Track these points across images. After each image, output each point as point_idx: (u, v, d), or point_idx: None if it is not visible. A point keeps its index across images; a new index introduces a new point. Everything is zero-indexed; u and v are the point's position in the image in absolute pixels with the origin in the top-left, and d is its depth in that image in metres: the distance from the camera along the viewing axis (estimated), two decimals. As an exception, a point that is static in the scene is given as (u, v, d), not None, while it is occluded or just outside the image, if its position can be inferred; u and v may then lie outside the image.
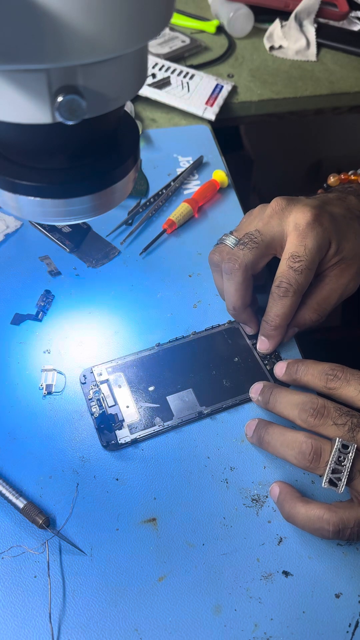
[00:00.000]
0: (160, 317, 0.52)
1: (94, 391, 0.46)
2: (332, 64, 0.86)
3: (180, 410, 0.45)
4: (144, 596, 0.36)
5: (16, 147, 0.30)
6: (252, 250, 0.45)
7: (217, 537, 0.39)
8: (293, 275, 0.43)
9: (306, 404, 0.39)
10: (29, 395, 0.46)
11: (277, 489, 0.39)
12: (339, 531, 0.35)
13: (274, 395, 0.42)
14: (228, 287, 0.46)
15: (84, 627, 0.35)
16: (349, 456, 0.36)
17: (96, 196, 0.31)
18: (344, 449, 0.37)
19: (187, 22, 0.92)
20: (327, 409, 0.38)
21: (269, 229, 0.45)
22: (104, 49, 0.23)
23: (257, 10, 0.89)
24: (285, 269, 0.43)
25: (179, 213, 0.60)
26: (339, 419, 0.38)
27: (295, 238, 0.44)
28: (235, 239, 0.47)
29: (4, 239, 0.58)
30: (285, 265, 0.44)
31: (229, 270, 0.45)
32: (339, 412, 0.38)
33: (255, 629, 0.35)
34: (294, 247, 0.44)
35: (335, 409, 0.38)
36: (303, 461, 0.37)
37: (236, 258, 0.45)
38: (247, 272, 0.45)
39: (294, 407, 0.39)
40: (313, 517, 0.36)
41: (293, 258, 0.43)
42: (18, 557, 0.37)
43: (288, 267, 0.43)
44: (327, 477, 0.37)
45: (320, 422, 0.38)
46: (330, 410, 0.38)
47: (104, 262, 0.56)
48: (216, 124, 0.74)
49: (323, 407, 0.38)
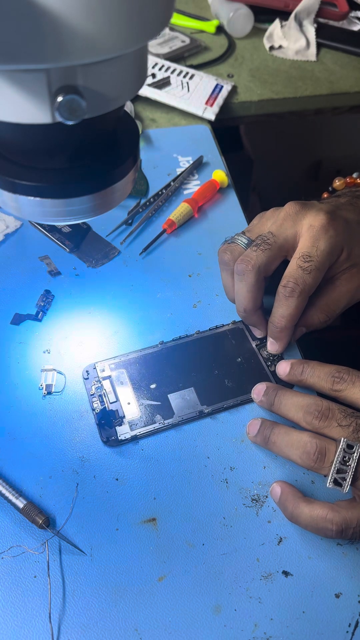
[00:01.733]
0: (160, 317, 0.52)
1: (96, 387, 0.46)
2: (332, 64, 0.86)
3: (181, 409, 0.45)
4: (144, 596, 0.36)
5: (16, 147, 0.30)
6: (265, 252, 0.44)
7: (217, 537, 0.39)
8: (301, 275, 0.43)
9: (311, 407, 0.39)
10: (29, 395, 0.46)
11: (279, 489, 0.39)
12: (342, 531, 0.35)
13: (278, 397, 0.42)
14: (240, 288, 0.46)
15: (84, 627, 0.35)
16: (354, 456, 0.37)
17: (96, 196, 0.31)
18: (349, 449, 0.37)
19: (187, 22, 0.92)
20: (332, 411, 0.38)
21: (283, 231, 0.45)
22: (104, 49, 0.23)
23: (257, 10, 0.89)
24: (295, 268, 0.43)
25: (178, 213, 0.60)
26: (344, 421, 0.38)
27: (308, 239, 0.43)
28: (248, 239, 0.47)
29: (4, 239, 0.58)
30: (295, 264, 0.43)
31: (241, 272, 0.45)
32: (343, 413, 0.38)
33: (255, 629, 0.35)
34: (306, 247, 0.43)
35: (339, 410, 0.38)
36: (308, 461, 0.38)
37: (249, 259, 0.44)
38: (259, 274, 0.45)
39: (299, 410, 0.39)
40: (316, 517, 0.36)
41: (303, 257, 0.43)
42: (18, 557, 0.37)
43: (297, 266, 0.43)
44: (332, 477, 0.37)
45: (325, 424, 0.38)
46: (335, 412, 0.38)
47: (104, 262, 0.56)
48: (216, 124, 0.74)
49: (328, 409, 0.38)
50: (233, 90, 0.79)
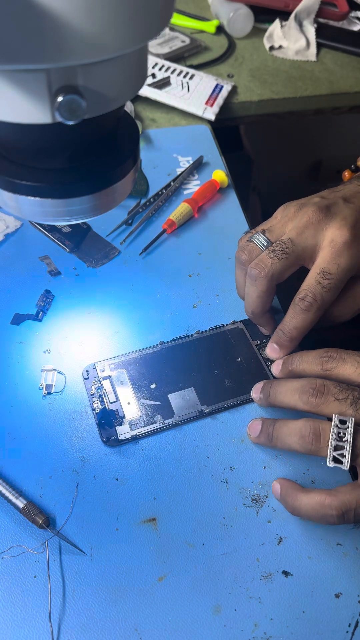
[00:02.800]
0: (160, 317, 0.52)
1: (96, 387, 0.46)
2: (332, 64, 0.86)
3: (181, 409, 0.45)
4: (144, 596, 0.36)
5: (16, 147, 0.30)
6: (281, 261, 0.43)
7: (217, 537, 0.39)
8: (320, 292, 0.42)
9: (305, 386, 0.39)
10: (29, 395, 0.46)
11: (278, 486, 0.40)
12: (342, 514, 0.35)
13: (273, 387, 0.42)
14: (250, 292, 0.46)
15: (84, 627, 0.35)
16: (348, 430, 0.36)
17: (96, 196, 0.31)
18: (342, 424, 0.37)
19: (187, 22, 0.92)
20: (327, 387, 0.38)
21: (303, 240, 0.44)
22: (104, 49, 0.23)
23: (257, 10, 0.89)
24: (313, 284, 0.42)
25: (178, 213, 0.60)
26: (340, 394, 0.38)
27: (329, 254, 0.43)
28: (267, 241, 0.45)
29: (4, 239, 0.58)
30: (314, 279, 0.43)
31: (254, 277, 0.44)
32: (338, 387, 0.38)
33: (255, 629, 0.35)
34: (327, 263, 0.42)
35: (334, 385, 0.38)
36: (305, 445, 0.37)
37: (264, 266, 0.44)
38: (272, 282, 0.44)
39: (294, 393, 0.39)
40: (315, 504, 0.36)
41: (323, 274, 0.42)
42: (18, 557, 0.37)
43: (317, 282, 0.42)
44: (330, 455, 0.36)
45: (322, 401, 0.38)
46: (330, 387, 0.38)
47: (104, 262, 0.56)
48: (216, 124, 0.74)
49: (322, 385, 0.38)
50: (233, 90, 0.79)
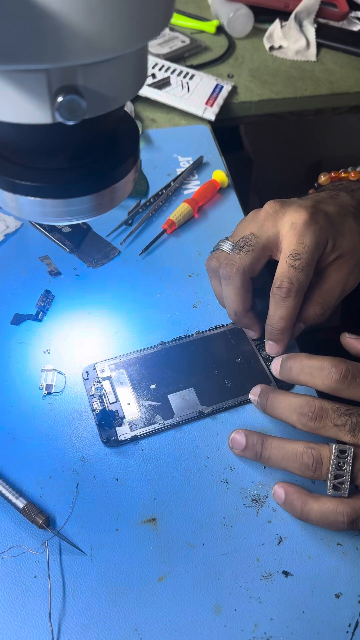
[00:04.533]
0: (160, 317, 0.52)
1: (96, 387, 0.46)
2: (332, 64, 0.86)
3: (181, 409, 0.45)
4: (144, 596, 0.36)
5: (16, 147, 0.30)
6: (248, 254, 0.45)
7: (217, 537, 0.39)
8: (294, 274, 0.43)
9: (304, 408, 0.39)
10: (29, 395, 0.46)
11: (282, 491, 0.40)
12: (352, 521, 0.36)
13: (270, 400, 0.42)
14: (228, 292, 0.46)
15: (84, 627, 0.35)
16: (347, 460, 0.37)
17: (96, 196, 0.31)
18: (342, 454, 0.37)
19: (187, 22, 0.92)
20: (325, 411, 0.38)
21: (264, 231, 0.45)
22: (104, 49, 0.23)
23: (257, 10, 0.89)
24: (286, 268, 0.43)
25: (178, 213, 0.60)
26: (339, 420, 0.38)
27: (293, 237, 0.44)
28: (232, 244, 0.47)
29: (4, 239, 0.58)
30: (286, 263, 0.43)
31: (227, 275, 0.45)
32: (337, 412, 0.38)
33: (255, 629, 0.35)
34: (293, 245, 0.43)
35: (333, 409, 0.38)
36: (307, 472, 0.38)
37: (233, 262, 0.45)
38: (245, 276, 0.45)
39: (292, 412, 0.39)
40: (327, 511, 0.37)
41: (293, 256, 0.43)
42: (18, 557, 0.37)
43: (288, 265, 0.43)
44: (331, 483, 0.37)
45: (320, 425, 0.38)
46: (329, 412, 0.38)
47: (104, 262, 0.56)
48: (216, 124, 0.74)
49: (321, 409, 0.38)
50: (233, 90, 0.79)
